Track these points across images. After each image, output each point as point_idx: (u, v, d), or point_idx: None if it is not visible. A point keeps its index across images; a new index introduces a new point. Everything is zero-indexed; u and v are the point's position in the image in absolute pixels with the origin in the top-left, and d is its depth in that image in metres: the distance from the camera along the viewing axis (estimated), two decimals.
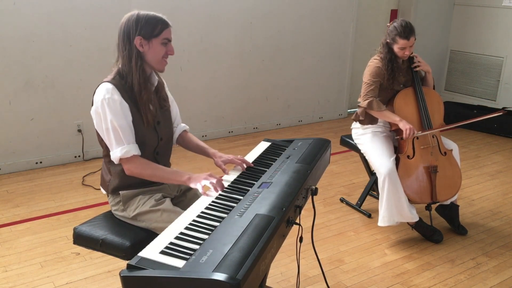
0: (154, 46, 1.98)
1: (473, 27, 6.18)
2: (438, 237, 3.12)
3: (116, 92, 1.94)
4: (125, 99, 1.97)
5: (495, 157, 4.74)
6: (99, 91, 1.96)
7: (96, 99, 1.96)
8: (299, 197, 1.82)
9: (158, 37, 1.98)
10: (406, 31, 2.96)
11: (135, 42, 1.96)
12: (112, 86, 1.95)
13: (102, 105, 1.93)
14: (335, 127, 5.61)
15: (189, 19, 4.55)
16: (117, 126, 1.93)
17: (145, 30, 1.95)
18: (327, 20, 5.45)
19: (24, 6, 3.81)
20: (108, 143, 1.98)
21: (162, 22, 1.99)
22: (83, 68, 4.16)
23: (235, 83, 5.06)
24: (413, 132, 2.97)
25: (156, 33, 1.97)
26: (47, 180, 3.94)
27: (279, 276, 2.73)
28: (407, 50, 3.00)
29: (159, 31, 1.98)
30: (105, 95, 1.93)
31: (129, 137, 1.96)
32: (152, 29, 1.96)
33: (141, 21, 1.96)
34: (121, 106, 1.94)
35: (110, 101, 1.92)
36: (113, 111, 1.92)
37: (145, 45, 1.97)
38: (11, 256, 2.87)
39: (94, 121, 2.00)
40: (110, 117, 1.92)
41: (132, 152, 1.96)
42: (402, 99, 3.10)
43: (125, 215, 2.09)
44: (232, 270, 1.30)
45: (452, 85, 6.51)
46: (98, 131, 2.01)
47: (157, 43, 1.98)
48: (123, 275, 1.36)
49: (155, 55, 2.00)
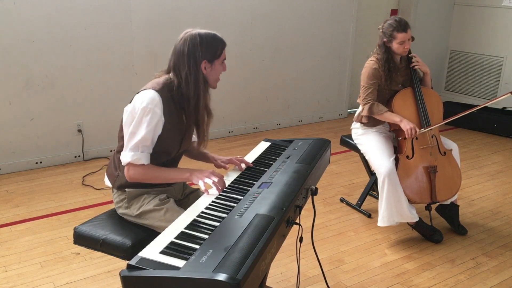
0: (216, 68, 2.02)
1: (473, 27, 6.18)
2: (438, 237, 3.12)
3: (160, 106, 1.94)
4: (165, 112, 1.97)
5: (495, 157, 4.74)
6: (145, 96, 1.94)
7: (138, 102, 1.94)
8: (299, 197, 1.82)
9: (219, 59, 2.01)
10: (402, 24, 2.99)
11: (202, 67, 1.97)
12: (159, 98, 1.95)
13: (142, 112, 1.92)
14: (335, 127, 5.61)
15: (189, 19, 4.54)
16: (143, 138, 1.93)
17: (209, 53, 1.98)
18: (327, 20, 5.45)
19: (24, 6, 3.81)
20: (126, 143, 1.99)
21: (221, 42, 2.03)
22: (83, 68, 4.16)
23: (235, 83, 5.06)
24: (415, 131, 2.97)
25: (218, 55, 2.00)
26: (47, 180, 3.94)
27: (279, 276, 2.73)
28: (406, 44, 3.02)
29: (220, 52, 2.01)
30: (149, 104, 1.92)
31: (147, 148, 1.97)
32: (215, 51, 1.99)
33: (204, 43, 1.97)
34: (157, 121, 1.95)
35: (151, 112, 1.92)
36: (148, 124, 1.93)
37: (208, 68, 2.00)
38: (11, 256, 2.87)
39: (124, 117, 1.99)
40: (143, 127, 1.92)
41: (141, 161, 1.96)
42: (401, 99, 3.11)
43: (127, 213, 2.10)
44: (232, 270, 1.30)
45: (452, 85, 6.51)
46: (124, 127, 2.01)
47: (218, 64, 2.02)
48: (123, 275, 1.36)
49: (215, 75, 2.04)
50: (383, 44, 3.06)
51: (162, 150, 2.03)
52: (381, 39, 3.07)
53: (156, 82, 2.00)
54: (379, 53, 3.08)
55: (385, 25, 3.06)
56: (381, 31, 3.08)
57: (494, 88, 6.02)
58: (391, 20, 3.04)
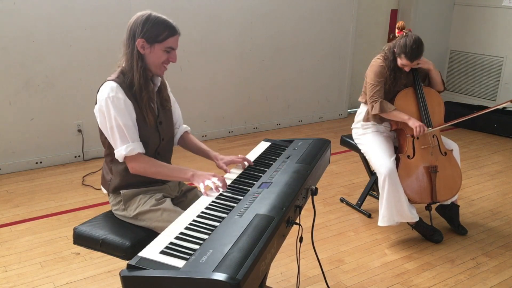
0: (155, 51, 1.97)
1: (473, 27, 6.18)
2: (438, 237, 3.12)
3: (120, 91, 1.94)
4: (129, 97, 1.96)
5: (495, 157, 4.74)
6: (103, 90, 1.95)
7: (100, 97, 1.95)
8: (299, 197, 1.82)
9: (161, 43, 1.96)
10: (413, 54, 2.92)
11: (136, 43, 1.95)
12: (116, 84, 1.95)
13: (107, 104, 1.92)
14: (335, 127, 5.61)
15: (189, 19, 4.55)
16: (122, 124, 1.93)
17: (149, 33, 1.94)
18: (327, 20, 5.45)
19: (24, 6, 3.81)
20: (112, 141, 1.98)
21: (169, 29, 1.97)
22: (83, 68, 4.16)
23: (235, 83, 5.06)
24: (423, 129, 2.96)
25: (160, 39, 1.95)
26: (47, 180, 3.94)
27: (279, 276, 2.73)
28: (407, 68, 3.02)
29: (164, 38, 1.96)
30: (109, 94, 1.92)
31: (134, 135, 1.96)
32: (157, 34, 1.95)
33: (148, 23, 1.94)
34: (125, 104, 1.94)
35: (114, 99, 1.92)
36: (117, 109, 1.92)
37: (147, 48, 1.96)
38: (11, 256, 2.87)
39: (98, 119, 1.99)
40: (115, 115, 1.92)
41: (137, 150, 1.96)
42: (402, 98, 3.10)
43: (125, 215, 2.09)
44: (232, 270, 1.30)
45: (452, 85, 6.51)
46: (102, 129, 2.00)
47: (159, 49, 1.97)
48: (123, 275, 1.36)
49: (155, 60, 1.98)
50: (393, 52, 3.03)
51: (144, 140, 2.01)
52: (394, 46, 3.03)
53: (111, 74, 2.01)
54: (388, 56, 3.06)
55: (403, 39, 2.95)
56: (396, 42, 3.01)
57: (494, 88, 6.02)
58: (409, 41, 2.91)
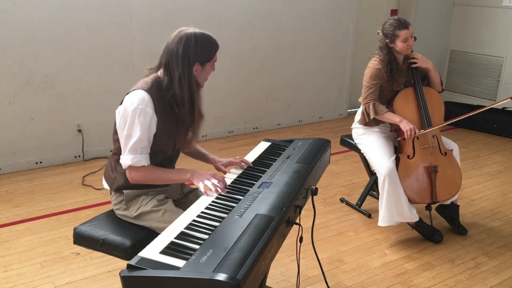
0: (207, 70, 2.00)
1: (473, 27, 6.18)
2: (438, 237, 3.12)
3: (150, 104, 1.93)
4: (157, 111, 1.95)
5: (495, 157, 4.74)
6: (134, 97, 1.93)
7: (129, 103, 1.93)
8: (299, 197, 1.82)
9: (211, 61, 1.99)
10: (402, 21, 3.01)
11: (194, 69, 1.95)
12: (148, 97, 1.93)
13: (133, 113, 1.91)
14: (335, 127, 5.60)
15: (189, 19, 4.54)
16: (139, 139, 1.92)
17: (203, 56, 1.95)
18: (327, 20, 5.45)
19: (24, 6, 3.80)
20: (122, 146, 1.98)
21: (215, 46, 1.99)
22: (83, 68, 4.16)
23: (235, 83, 5.05)
24: (415, 132, 2.97)
25: (210, 58, 1.98)
26: (47, 180, 3.94)
27: (279, 276, 2.73)
28: (410, 41, 3.01)
29: (213, 55, 1.99)
30: (139, 105, 1.91)
31: (145, 149, 1.96)
32: (209, 55, 1.97)
33: (199, 45, 1.93)
34: (150, 120, 1.94)
35: (142, 112, 1.91)
36: (141, 124, 1.92)
37: (199, 70, 1.98)
38: (11, 256, 2.87)
39: (117, 120, 1.98)
40: (136, 128, 1.91)
41: (142, 163, 1.96)
42: (402, 98, 3.10)
43: (126, 214, 2.10)
44: (232, 270, 1.30)
45: (452, 85, 6.51)
46: (118, 131, 2.00)
47: (209, 66, 2.00)
48: (123, 275, 1.36)
49: (205, 77, 2.02)
50: (385, 45, 3.05)
51: (157, 149, 2.02)
52: (383, 41, 3.05)
53: (145, 82, 1.99)
54: (381, 54, 3.07)
55: (385, 26, 3.06)
56: (381, 33, 3.08)
57: (494, 88, 6.02)
58: (391, 20, 3.04)
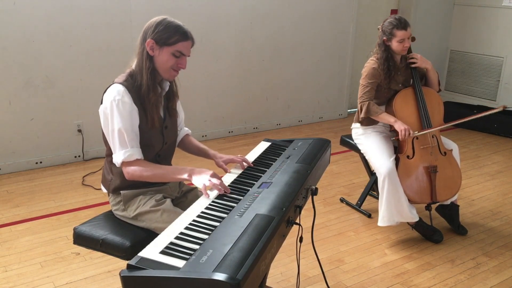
0: (164, 54, 1.95)
1: (473, 27, 6.18)
2: (438, 237, 3.12)
3: (127, 95, 1.93)
4: (135, 101, 1.95)
5: (495, 157, 4.74)
6: (110, 92, 1.95)
7: (106, 99, 1.94)
8: (299, 197, 1.82)
9: (170, 46, 1.94)
10: (402, 22, 3.01)
11: (146, 43, 1.94)
12: (123, 88, 1.94)
13: (111, 107, 1.91)
14: (335, 127, 5.61)
15: (189, 19, 4.54)
16: (123, 129, 1.92)
17: (160, 35, 1.93)
18: (327, 20, 5.45)
19: (24, 6, 3.80)
20: (111, 145, 1.98)
21: (181, 34, 1.95)
22: (83, 68, 4.16)
23: (235, 83, 5.06)
24: (409, 133, 2.97)
25: (169, 42, 1.94)
26: (47, 180, 3.94)
27: (279, 276, 2.73)
28: (406, 42, 3.03)
29: (174, 41, 1.94)
30: (116, 97, 1.92)
31: (134, 141, 1.95)
32: (167, 37, 1.93)
33: (161, 26, 1.93)
34: (130, 109, 1.93)
35: (119, 103, 1.91)
36: (121, 114, 1.91)
37: (156, 50, 1.95)
38: (11, 256, 2.87)
39: (101, 120, 1.99)
40: (118, 119, 1.91)
41: (135, 156, 1.95)
42: (401, 99, 3.11)
43: (125, 215, 2.09)
44: (232, 270, 1.30)
45: (452, 85, 6.51)
46: (104, 130, 2.00)
47: (168, 52, 1.95)
48: (123, 275, 1.36)
49: (163, 63, 1.97)
50: (382, 42, 3.06)
51: (145, 144, 2.01)
52: (381, 38, 3.07)
53: (120, 76, 2.01)
54: (379, 52, 3.09)
55: (385, 23, 3.07)
56: (380, 30, 3.09)
57: (494, 88, 6.02)
58: (391, 19, 3.05)
